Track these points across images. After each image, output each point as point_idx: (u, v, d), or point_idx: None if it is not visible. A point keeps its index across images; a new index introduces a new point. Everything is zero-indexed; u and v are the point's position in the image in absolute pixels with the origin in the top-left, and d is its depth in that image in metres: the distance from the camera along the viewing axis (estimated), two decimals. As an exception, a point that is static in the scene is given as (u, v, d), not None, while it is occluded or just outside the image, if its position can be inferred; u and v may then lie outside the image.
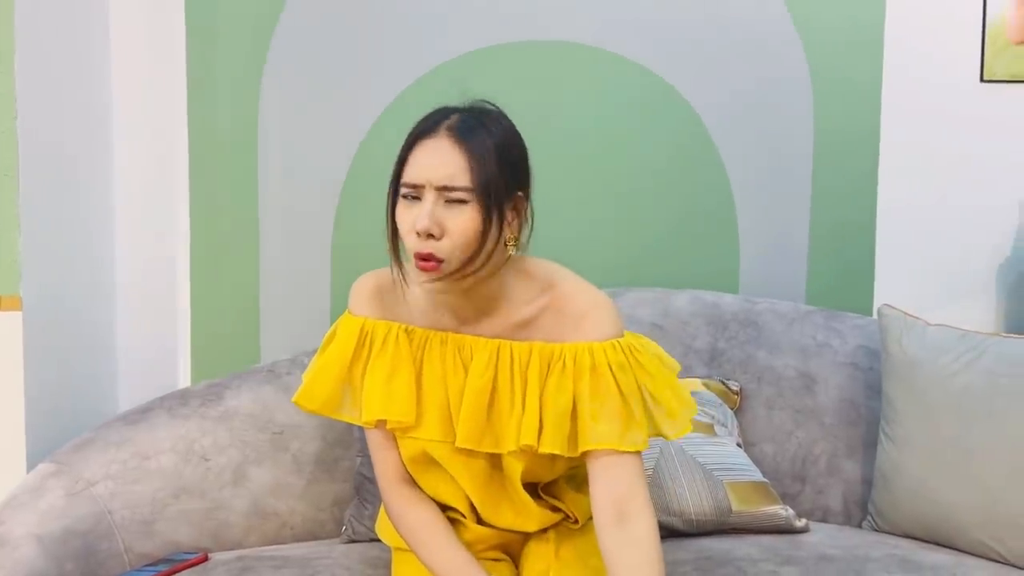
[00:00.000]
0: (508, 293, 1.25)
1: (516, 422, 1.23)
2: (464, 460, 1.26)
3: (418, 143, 1.19)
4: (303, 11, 2.01)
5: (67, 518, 1.53)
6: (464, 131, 1.18)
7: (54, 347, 1.77)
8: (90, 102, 1.93)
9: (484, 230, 1.17)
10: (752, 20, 2.11)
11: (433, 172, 1.16)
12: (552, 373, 1.23)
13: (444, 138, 1.18)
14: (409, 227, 1.18)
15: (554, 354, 1.23)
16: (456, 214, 1.16)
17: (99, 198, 1.97)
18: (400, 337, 1.27)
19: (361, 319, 1.29)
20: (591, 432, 1.20)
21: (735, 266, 2.14)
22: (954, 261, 2.23)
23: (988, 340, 1.71)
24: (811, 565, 1.53)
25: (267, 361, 1.93)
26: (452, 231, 1.16)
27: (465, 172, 1.16)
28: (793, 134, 2.14)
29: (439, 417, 1.25)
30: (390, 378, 1.26)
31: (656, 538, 1.20)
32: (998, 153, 2.22)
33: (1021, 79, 2.22)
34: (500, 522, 1.32)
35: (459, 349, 1.27)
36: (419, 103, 1.98)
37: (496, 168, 1.17)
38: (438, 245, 1.16)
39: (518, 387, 1.24)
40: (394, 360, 1.26)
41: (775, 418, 1.88)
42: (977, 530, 1.61)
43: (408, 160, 1.19)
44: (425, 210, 1.16)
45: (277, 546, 1.68)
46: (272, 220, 2.03)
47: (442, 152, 1.17)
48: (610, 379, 1.21)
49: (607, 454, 1.21)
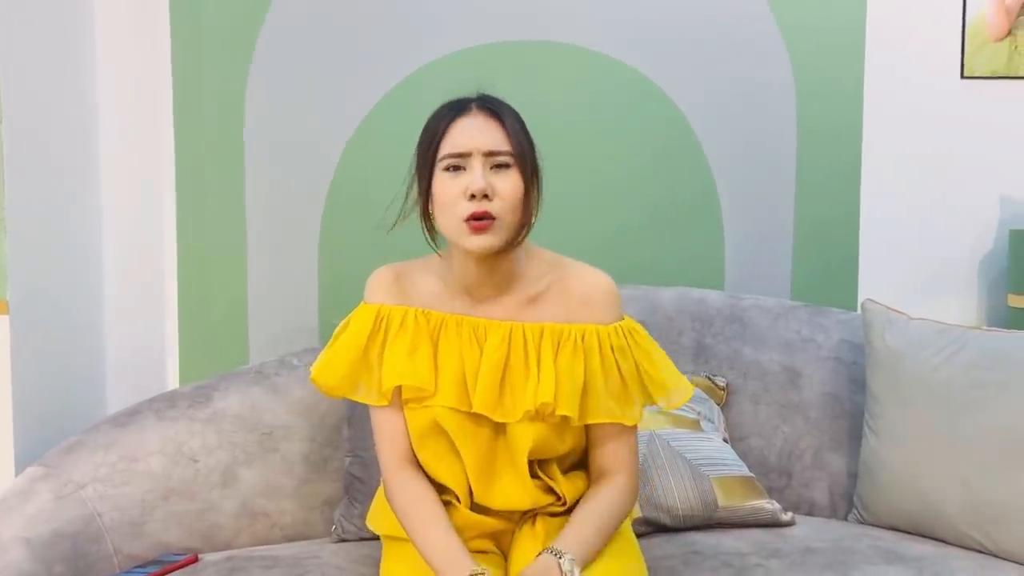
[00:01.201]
0: (521, 269, 1.36)
1: (532, 387, 1.30)
2: (472, 430, 1.32)
3: (455, 121, 1.29)
4: (289, 11, 2.01)
5: (56, 521, 1.53)
6: (495, 108, 1.31)
7: (41, 350, 1.77)
8: (76, 103, 1.93)
9: (527, 194, 1.30)
10: (736, 20, 2.12)
11: (479, 139, 1.28)
12: (563, 350, 1.32)
13: (479, 114, 1.30)
14: (458, 194, 1.27)
15: (563, 333, 1.33)
16: (503, 178, 1.28)
17: (86, 200, 1.97)
18: (418, 318, 1.35)
19: (377, 306, 1.37)
20: (601, 406, 1.32)
21: (720, 263, 2.16)
22: (936, 256, 2.25)
23: (969, 333, 1.73)
24: (797, 558, 1.55)
25: (255, 362, 1.93)
26: (502, 192, 1.27)
27: (505, 140, 1.29)
28: (777, 132, 2.16)
29: (455, 387, 1.32)
30: (411, 351, 1.34)
31: (620, 499, 1.34)
32: (979, 149, 2.24)
33: (1001, 75, 2.24)
34: (493, 502, 1.35)
35: (474, 330, 1.34)
36: (406, 103, 2.02)
37: (527, 140, 1.32)
38: (491, 205, 1.26)
39: (532, 360, 1.32)
40: (414, 337, 1.34)
41: (761, 413, 1.90)
42: (961, 521, 1.63)
43: (447, 134, 1.29)
44: (478, 172, 1.26)
45: (267, 546, 1.68)
46: (259, 221, 2.03)
47: (481, 123, 1.29)
48: (612, 361, 1.32)
49: (609, 425, 1.34)
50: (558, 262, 1.38)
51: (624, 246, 2.11)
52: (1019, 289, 2.12)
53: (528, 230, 1.33)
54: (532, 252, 1.38)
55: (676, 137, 2.13)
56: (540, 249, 1.39)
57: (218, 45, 1.99)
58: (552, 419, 1.31)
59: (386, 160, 1.88)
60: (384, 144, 2.01)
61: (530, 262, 1.37)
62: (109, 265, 2.01)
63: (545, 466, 1.37)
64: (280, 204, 2.03)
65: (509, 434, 1.33)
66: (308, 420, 1.76)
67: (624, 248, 2.11)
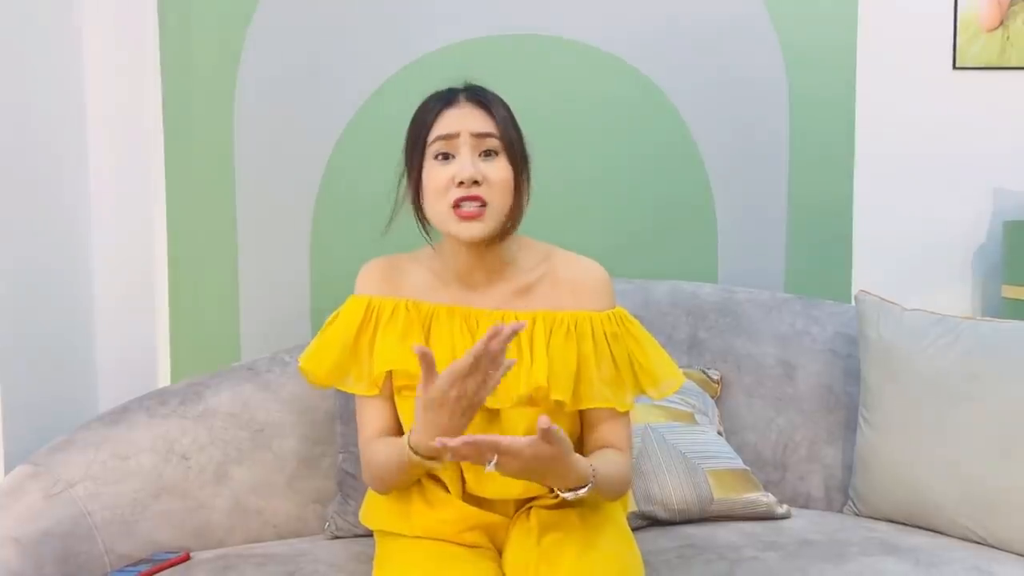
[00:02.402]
0: (513, 258, 1.36)
1: (525, 372, 1.29)
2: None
3: (443, 111, 1.29)
4: (277, 7, 2.00)
5: (45, 520, 1.52)
6: (482, 97, 1.31)
7: (31, 348, 1.76)
8: (64, 101, 1.92)
9: (517, 182, 1.30)
10: (728, 12, 2.12)
11: (467, 123, 1.28)
12: (555, 336, 1.32)
13: (466, 102, 1.30)
14: (447, 182, 1.27)
15: (556, 320, 1.33)
16: (492, 165, 1.28)
17: (75, 197, 1.95)
18: (409, 308, 1.35)
19: (367, 297, 1.37)
20: (595, 391, 1.32)
21: (713, 256, 2.15)
22: (930, 247, 2.25)
23: (963, 324, 1.73)
24: (793, 550, 1.54)
25: (247, 359, 1.92)
26: (491, 178, 1.27)
27: (493, 126, 1.29)
28: (769, 126, 2.15)
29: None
30: (402, 338, 1.33)
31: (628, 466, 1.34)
32: (972, 140, 2.24)
33: (993, 66, 2.24)
34: (486, 490, 1.34)
35: (465, 319, 1.35)
36: (395, 99, 2.01)
37: (515, 129, 1.32)
38: (481, 190, 1.26)
39: (525, 346, 1.31)
40: (405, 326, 1.34)
41: (755, 406, 1.89)
42: (956, 512, 1.63)
43: (436, 122, 1.29)
44: (466, 159, 1.27)
45: (260, 544, 1.67)
46: (250, 218, 2.01)
47: (468, 111, 1.29)
48: (605, 347, 1.33)
49: (603, 410, 1.35)
50: (550, 252, 1.39)
51: (616, 240, 2.10)
52: (1013, 280, 2.12)
53: (519, 218, 1.32)
54: (524, 243, 1.38)
55: (669, 130, 2.12)
56: (532, 240, 1.40)
57: (206, 43, 1.98)
58: (546, 404, 1.30)
59: (377, 156, 1.89)
60: (374, 140, 2.00)
61: (522, 252, 1.37)
62: (99, 263, 2.00)
63: None
64: (270, 201, 2.02)
65: (503, 420, 1.32)
66: (300, 417, 1.75)
67: (616, 242, 2.10)
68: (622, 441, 1.36)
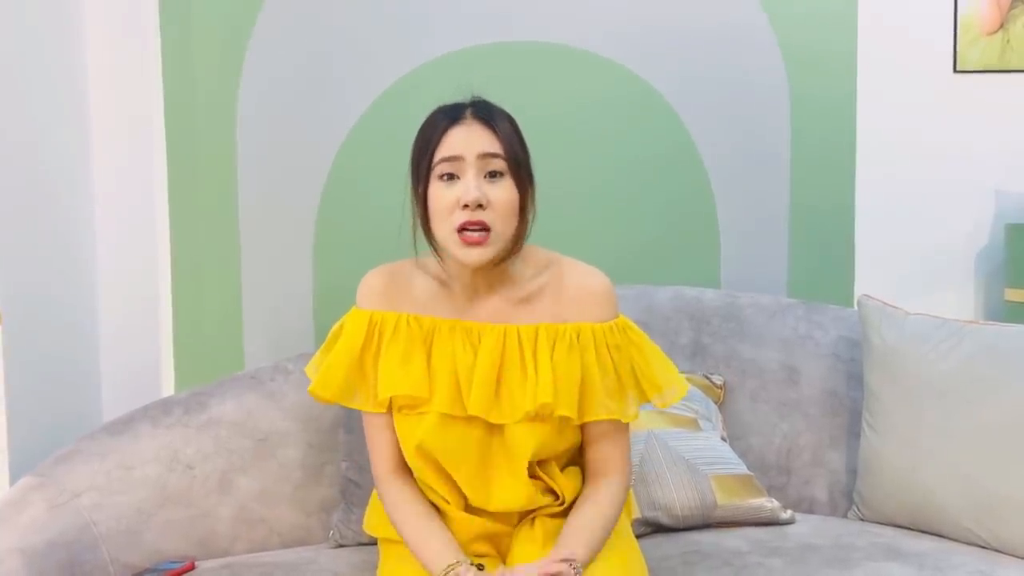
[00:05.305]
0: (516, 271, 1.35)
1: (531, 388, 1.29)
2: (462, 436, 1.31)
3: (448, 130, 1.28)
4: (281, 12, 2.00)
5: (50, 531, 1.52)
6: (489, 115, 1.30)
7: (35, 358, 1.76)
8: (68, 108, 1.93)
9: (522, 204, 1.29)
10: (728, 18, 2.12)
11: (473, 144, 1.27)
12: (559, 347, 1.31)
13: (473, 121, 1.29)
14: (452, 204, 1.26)
15: (559, 332, 1.32)
16: (497, 187, 1.27)
17: (79, 207, 1.96)
18: (411, 323, 1.34)
19: (369, 312, 1.35)
20: (599, 403, 1.31)
21: (716, 261, 2.15)
22: (933, 251, 2.25)
23: (967, 328, 1.72)
24: (797, 556, 1.54)
25: (250, 368, 1.92)
26: (495, 202, 1.26)
27: (499, 146, 1.28)
28: (771, 130, 2.15)
29: (449, 391, 1.31)
30: (404, 360, 1.32)
31: (621, 497, 1.35)
32: (973, 142, 2.24)
33: (993, 69, 2.24)
34: (490, 504, 1.34)
35: (467, 333, 1.33)
36: (399, 105, 2.02)
37: (521, 148, 1.31)
38: (485, 215, 1.25)
39: (528, 360, 1.31)
40: (407, 344, 1.33)
41: (759, 411, 1.89)
42: (961, 517, 1.62)
43: (442, 142, 1.28)
44: (471, 182, 1.25)
45: (264, 553, 1.67)
46: (253, 226, 2.02)
47: (475, 130, 1.28)
48: (608, 359, 1.32)
49: (605, 423, 1.34)
50: (553, 260, 1.37)
51: (619, 246, 2.10)
52: (1016, 283, 2.12)
53: (523, 240, 1.32)
54: (527, 251, 1.37)
55: (670, 136, 2.12)
56: (536, 248, 1.38)
57: (209, 48, 1.98)
58: (552, 419, 1.30)
59: (380, 164, 1.89)
60: (378, 147, 2.01)
61: (524, 262, 1.36)
62: (103, 272, 2.00)
63: (544, 465, 1.36)
64: (273, 209, 2.02)
65: (507, 436, 1.31)
66: (304, 425, 1.75)
67: (619, 248, 2.10)
68: (618, 460, 1.36)
